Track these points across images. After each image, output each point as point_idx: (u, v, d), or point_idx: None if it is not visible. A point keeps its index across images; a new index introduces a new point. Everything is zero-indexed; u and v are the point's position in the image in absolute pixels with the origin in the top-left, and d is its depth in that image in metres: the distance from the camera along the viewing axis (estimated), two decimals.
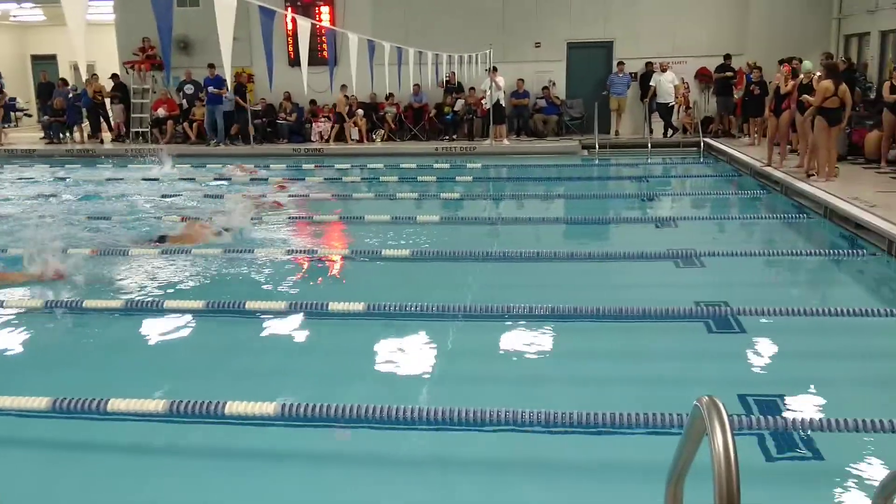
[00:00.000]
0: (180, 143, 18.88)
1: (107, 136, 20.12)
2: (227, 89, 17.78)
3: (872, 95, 14.73)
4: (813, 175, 11.24)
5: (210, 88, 18.07)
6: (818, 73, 11.63)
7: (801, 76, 11.84)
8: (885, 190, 10.28)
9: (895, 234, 7.81)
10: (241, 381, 5.25)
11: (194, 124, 19.08)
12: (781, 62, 14.17)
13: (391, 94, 18.21)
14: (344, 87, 17.52)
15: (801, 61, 13.37)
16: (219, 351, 5.90)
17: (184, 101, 19.28)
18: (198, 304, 6.56)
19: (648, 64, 18.45)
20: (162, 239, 8.91)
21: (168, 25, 5.19)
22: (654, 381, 5.12)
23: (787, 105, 12.34)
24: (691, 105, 18.30)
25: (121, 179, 14.17)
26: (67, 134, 20.00)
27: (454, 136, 18.76)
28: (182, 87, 19.15)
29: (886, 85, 12.21)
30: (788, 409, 4.64)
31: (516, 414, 4.36)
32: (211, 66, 17.89)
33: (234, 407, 4.39)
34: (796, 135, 12.41)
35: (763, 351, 5.71)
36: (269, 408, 4.40)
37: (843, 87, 10.92)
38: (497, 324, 6.16)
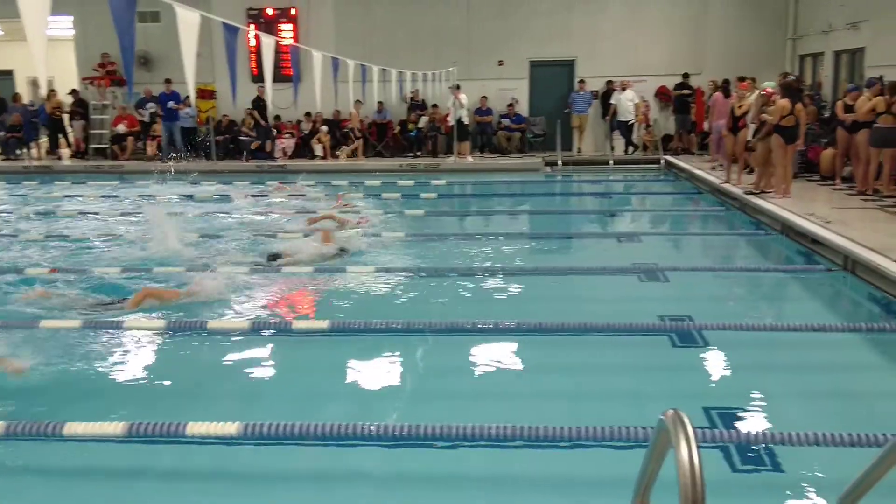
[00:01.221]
0: (140, 160, 18.67)
1: (65, 151, 19.79)
2: (189, 104, 17.63)
3: (827, 114, 15.10)
4: (771, 192, 11.46)
5: (170, 104, 17.92)
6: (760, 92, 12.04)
7: (756, 93, 12.13)
8: (840, 206, 10.53)
9: (850, 249, 7.98)
10: (203, 400, 5.15)
11: (155, 140, 18.86)
12: (723, 85, 14.61)
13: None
14: (358, 102, 17.53)
15: (753, 80, 13.80)
16: (180, 371, 5.80)
17: (145, 118, 19.05)
18: (160, 322, 6.46)
19: (609, 82, 18.73)
20: (275, 257, 8.63)
21: (130, 41, 5.13)
22: (619, 395, 5.16)
23: (743, 123, 12.61)
24: (651, 123, 18.61)
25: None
26: (24, 150, 19.63)
27: (418, 153, 18.81)
28: (143, 104, 18.95)
29: (840, 104, 12.53)
30: (751, 422, 4.71)
31: (482, 429, 4.36)
32: (167, 80, 17.72)
33: (196, 427, 4.32)
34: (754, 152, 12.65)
35: (726, 364, 5.79)
36: (231, 428, 4.33)
37: (799, 105, 11.20)
38: (462, 339, 6.16)
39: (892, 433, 2.66)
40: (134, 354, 5.98)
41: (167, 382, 5.55)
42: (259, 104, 17.96)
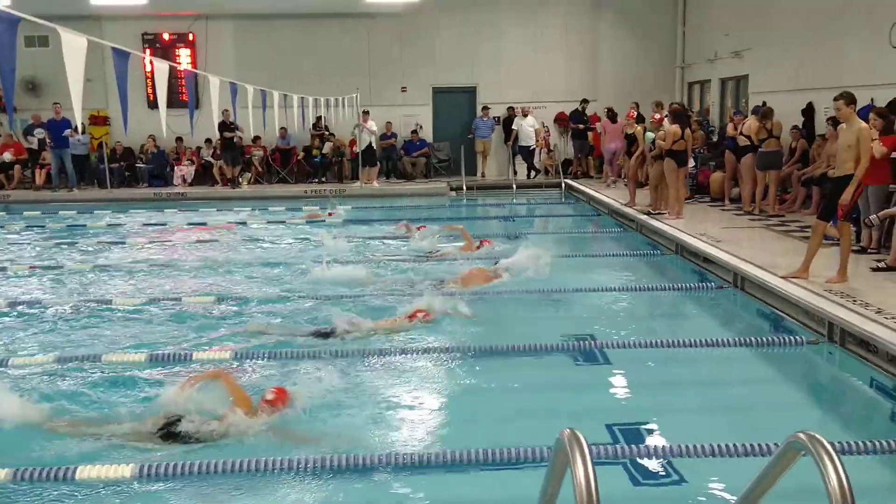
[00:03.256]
0: (28, 189, 17.81)
1: None
2: (77, 131, 16.93)
3: (715, 138, 15.85)
4: (665, 213, 11.90)
5: (66, 132, 17.16)
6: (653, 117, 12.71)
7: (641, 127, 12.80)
8: (730, 226, 11.02)
9: (739, 267, 8.36)
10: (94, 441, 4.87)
11: (44, 169, 18.04)
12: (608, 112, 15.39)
13: (258, 137, 17.96)
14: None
15: (637, 105, 14.60)
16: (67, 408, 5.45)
17: (33, 145, 18.18)
18: (46, 358, 6.13)
19: (510, 109, 19.14)
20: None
21: (10, 66, 4.89)
22: (524, 416, 5.19)
23: (635, 149, 13.14)
24: (552, 148, 19.11)
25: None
26: None
27: (323, 179, 18.69)
28: (31, 131, 18.09)
29: (730, 126, 13.17)
30: (652, 437, 4.83)
31: (390, 457, 4.33)
32: (55, 104, 17.01)
33: (87, 471, 4.10)
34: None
35: (627, 381, 5.94)
36: (125, 470, 4.14)
37: (688, 130, 11.73)
38: (367, 363, 6.09)
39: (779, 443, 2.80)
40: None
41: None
42: (226, 128, 17.35)
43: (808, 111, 12.99)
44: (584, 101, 18.76)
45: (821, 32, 12.82)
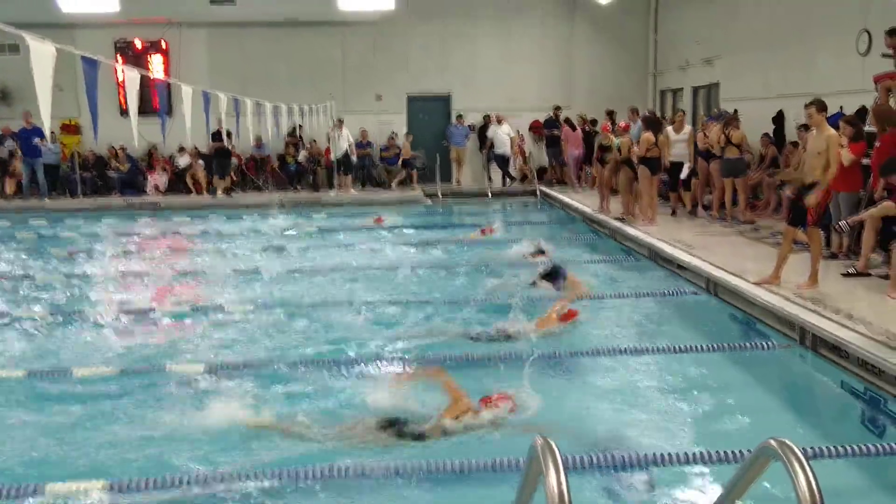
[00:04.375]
0: None
1: None
2: (47, 140, 16.71)
3: None
4: (638, 218, 11.99)
5: (36, 141, 16.92)
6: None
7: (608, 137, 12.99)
8: (702, 233, 11.11)
9: (713, 273, 8.43)
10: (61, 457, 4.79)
11: (14, 178, 17.76)
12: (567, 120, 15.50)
13: (232, 146, 17.85)
14: (408, 134, 18.93)
15: (613, 114, 14.75)
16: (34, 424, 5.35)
17: (3, 155, 17.90)
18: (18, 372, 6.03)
19: (485, 116, 19.19)
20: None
21: None
22: (496, 424, 5.17)
23: (610, 158, 13.26)
24: (527, 155, 19.19)
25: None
26: None
27: (299, 187, 18.62)
28: (2, 142, 17.82)
29: (700, 136, 13.30)
30: (625, 445, 4.82)
31: (365, 467, 4.30)
32: (26, 112, 16.80)
33: (56, 488, 4.03)
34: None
35: (600, 388, 5.93)
36: (96, 485, 4.07)
37: (662, 138, 11.83)
38: (337, 371, 6.08)
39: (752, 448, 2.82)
40: None
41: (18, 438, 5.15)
42: (217, 137, 17.18)
43: (779, 118, 13.15)
44: (557, 108, 18.87)
45: (790, 40, 13.00)
